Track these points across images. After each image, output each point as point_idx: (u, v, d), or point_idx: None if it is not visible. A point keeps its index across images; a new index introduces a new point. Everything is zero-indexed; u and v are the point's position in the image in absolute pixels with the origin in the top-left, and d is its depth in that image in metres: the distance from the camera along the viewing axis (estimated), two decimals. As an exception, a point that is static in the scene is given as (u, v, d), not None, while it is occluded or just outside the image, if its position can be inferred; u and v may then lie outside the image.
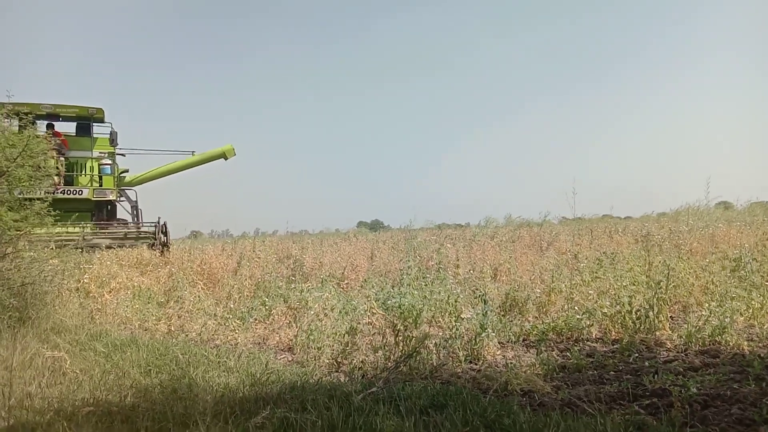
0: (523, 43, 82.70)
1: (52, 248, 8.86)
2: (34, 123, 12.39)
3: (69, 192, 13.29)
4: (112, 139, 14.37)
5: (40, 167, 6.96)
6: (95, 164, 14.09)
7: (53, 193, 11.92)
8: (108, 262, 9.06)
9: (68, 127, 14.35)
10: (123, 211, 15.04)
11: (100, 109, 14.06)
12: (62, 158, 13.29)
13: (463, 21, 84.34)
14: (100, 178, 13.94)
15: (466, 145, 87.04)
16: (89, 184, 13.84)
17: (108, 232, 13.16)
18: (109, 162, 14.22)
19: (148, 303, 7.73)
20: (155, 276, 9.15)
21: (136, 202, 15.03)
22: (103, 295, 7.83)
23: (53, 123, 13.61)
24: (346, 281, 9.69)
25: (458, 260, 10.18)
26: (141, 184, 15.62)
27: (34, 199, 6.59)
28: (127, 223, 14.40)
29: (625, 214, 21.93)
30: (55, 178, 12.40)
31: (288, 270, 10.55)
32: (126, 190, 15.07)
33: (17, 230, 6.21)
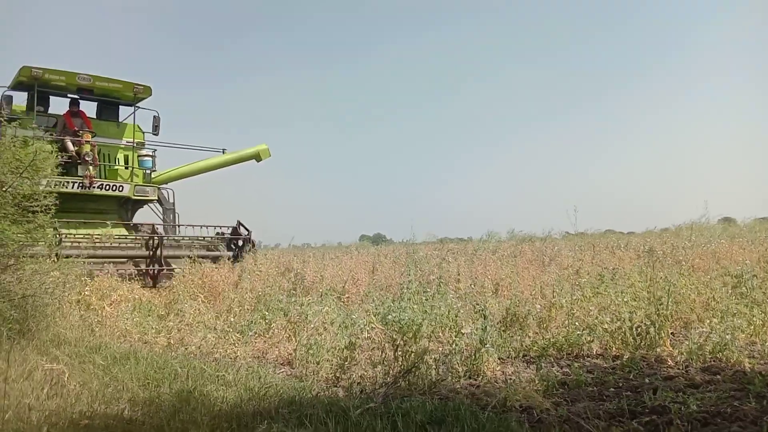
0: (530, 62, 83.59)
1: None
2: (47, 100, 10.72)
3: (107, 187, 11.12)
4: (156, 126, 12.04)
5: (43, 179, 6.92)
6: (131, 155, 11.85)
7: (88, 188, 10.69)
8: (109, 274, 9.07)
9: (93, 107, 12.03)
10: (146, 214, 12.69)
11: (148, 87, 11.58)
12: (96, 145, 11.23)
13: (470, 41, 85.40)
14: (130, 171, 11.75)
15: (470, 159, 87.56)
16: (129, 179, 11.62)
17: (189, 240, 11.40)
18: (150, 154, 12.04)
19: (149, 316, 7.73)
20: (156, 289, 9.16)
21: (173, 204, 12.64)
22: (104, 307, 7.84)
23: (78, 100, 11.41)
24: (346, 295, 9.67)
25: (459, 275, 10.16)
26: (166, 183, 13.18)
27: (37, 212, 6.37)
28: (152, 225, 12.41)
29: (628, 229, 21.90)
30: (90, 168, 10.90)
31: (289, 283, 10.54)
32: (162, 189, 12.65)
33: (20, 242, 6.21)
